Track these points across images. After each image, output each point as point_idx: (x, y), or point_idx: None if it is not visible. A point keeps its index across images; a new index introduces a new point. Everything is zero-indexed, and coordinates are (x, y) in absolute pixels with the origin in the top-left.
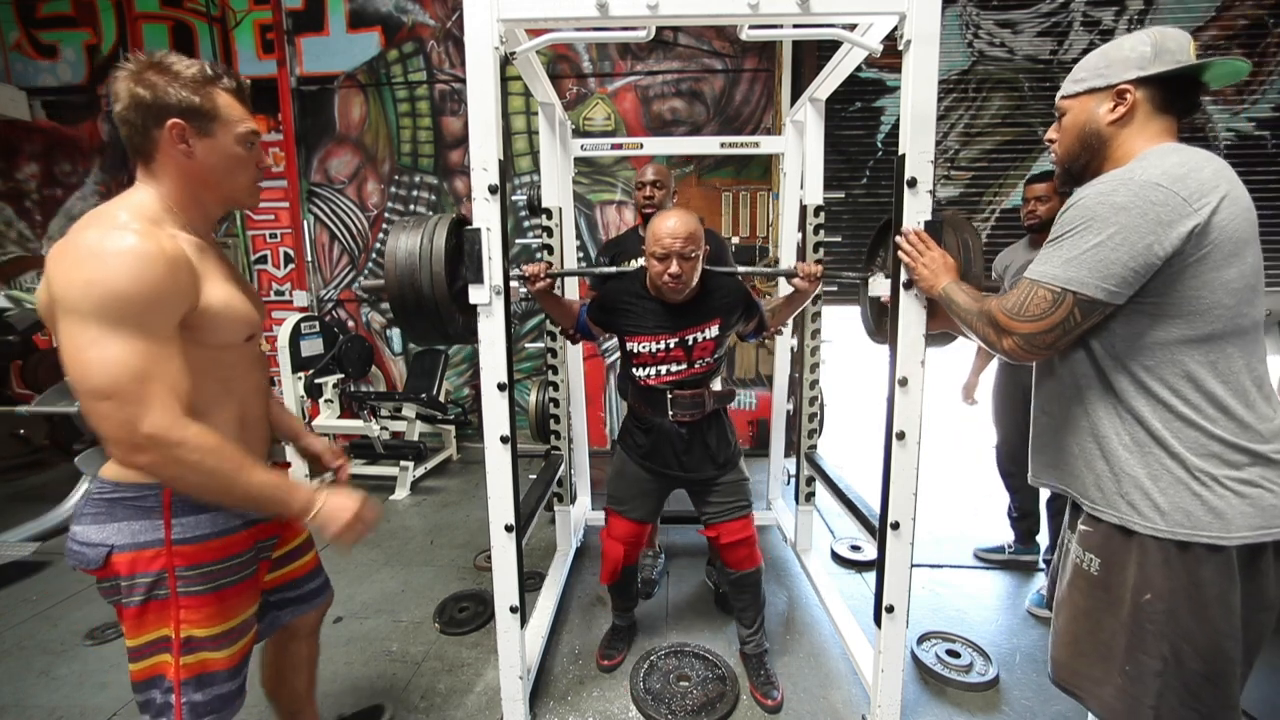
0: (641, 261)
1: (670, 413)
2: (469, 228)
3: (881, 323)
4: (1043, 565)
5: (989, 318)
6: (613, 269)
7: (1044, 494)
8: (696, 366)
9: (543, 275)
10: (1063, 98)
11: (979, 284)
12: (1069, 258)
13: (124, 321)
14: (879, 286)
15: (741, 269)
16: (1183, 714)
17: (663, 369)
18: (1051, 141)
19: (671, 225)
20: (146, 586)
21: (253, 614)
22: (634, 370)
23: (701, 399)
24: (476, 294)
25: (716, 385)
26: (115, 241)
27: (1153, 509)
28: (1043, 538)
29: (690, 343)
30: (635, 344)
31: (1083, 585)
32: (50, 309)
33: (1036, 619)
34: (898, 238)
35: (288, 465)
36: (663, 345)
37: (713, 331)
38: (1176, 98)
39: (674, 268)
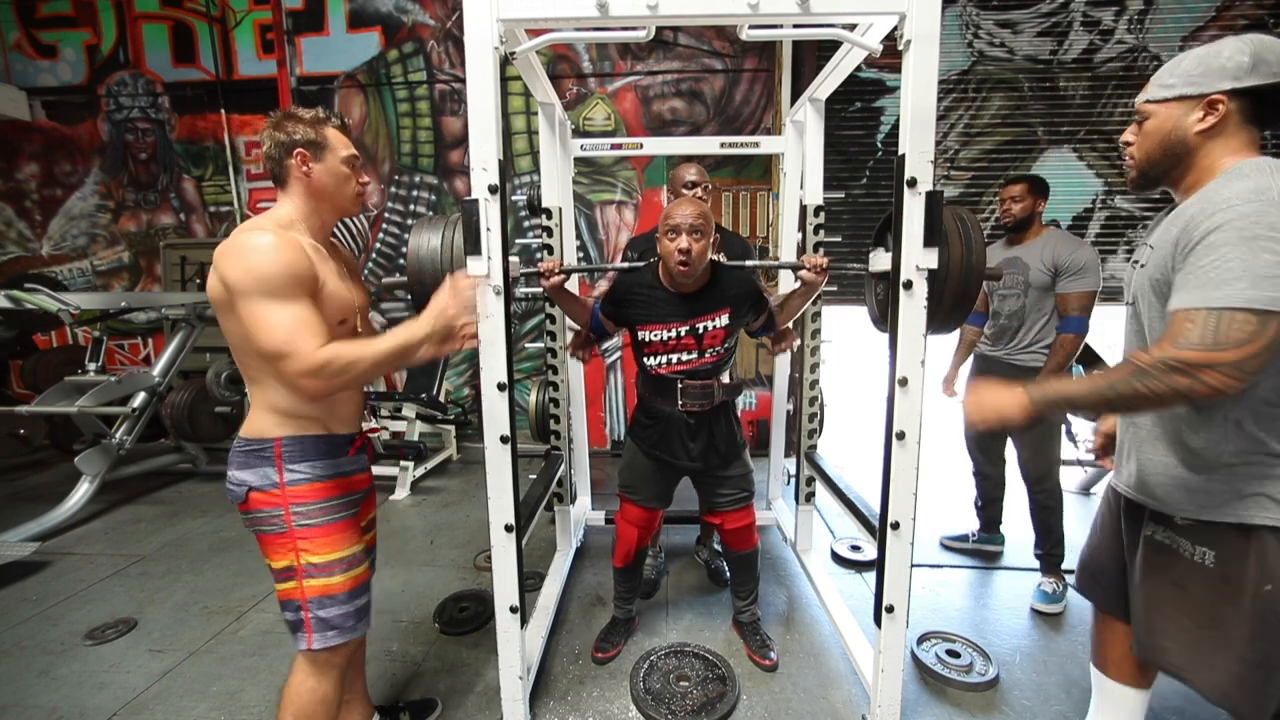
0: None
1: (680, 402)
2: (466, 199)
3: (886, 310)
4: (1036, 557)
5: (1166, 367)
6: (625, 265)
7: (1023, 489)
8: (707, 356)
9: (557, 270)
10: (1147, 101)
11: (981, 269)
12: (1261, 276)
13: (276, 294)
14: (880, 261)
15: (750, 263)
16: None
17: (673, 357)
18: (1128, 144)
19: (684, 206)
20: (270, 519)
21: (360, 550)
22: (645, 359)
23: (711, 390)
24: (475, 265)
25: (725, 378)
26: (258, 239)
27: (1273, 503)
28: (1017, 529)
29: (701, 331)
30: (647, 332)
31: (1199, 577)
32: (220, 295)
33: (1041, 616)
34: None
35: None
36: (674, 334)
37: (723, 320)
38: (1266, 111)
39: (683, 242)
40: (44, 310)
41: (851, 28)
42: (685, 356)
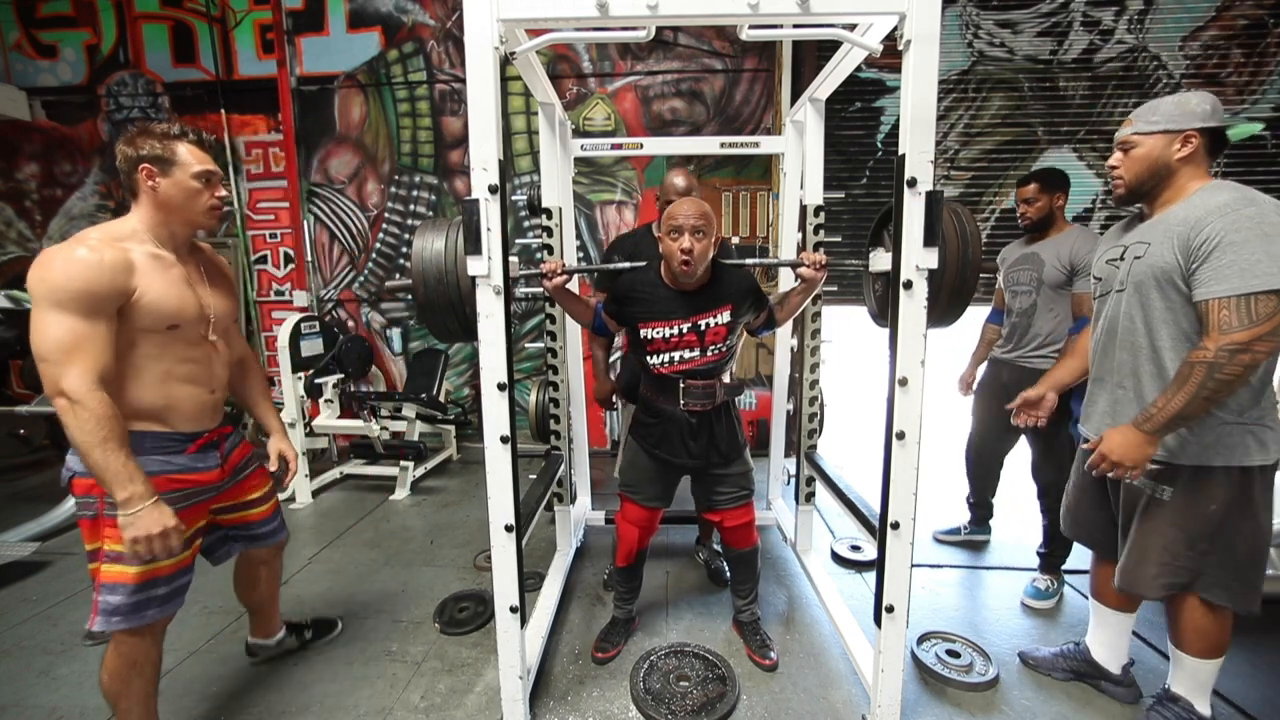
0: None
1: (682, 401)
2: (466, 198)
3: (885, 306)
4: (1038, 555)
5: (1230, 352)
6: (626, 265)
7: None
8: (709, 354)
9: (560, 271)
10: (1135, 133)
11: (978, 262)
12: (1276, 263)
13: (60, 305)
14: (879, 261)
15: (749, 261)
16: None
17: (676, 356)
18: (1114, 168)
19: (686, 206)
20: (88, 505)
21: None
22: (647, 358)
23: (713, 389)
24: (475, 265)
25: (726, 378)
26: (66, 251)
27: (1227, 451)
28: (1014, 529)
29: (703, 328)
30: (649, 330)
31: (1156, 511)
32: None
33: (1042, 616)
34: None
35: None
36: (676, 331)
37: (724, 317)
38: (1217, 145)
39: (685, 242)
40: None
41: (851, 28)
42: (688, 354)
